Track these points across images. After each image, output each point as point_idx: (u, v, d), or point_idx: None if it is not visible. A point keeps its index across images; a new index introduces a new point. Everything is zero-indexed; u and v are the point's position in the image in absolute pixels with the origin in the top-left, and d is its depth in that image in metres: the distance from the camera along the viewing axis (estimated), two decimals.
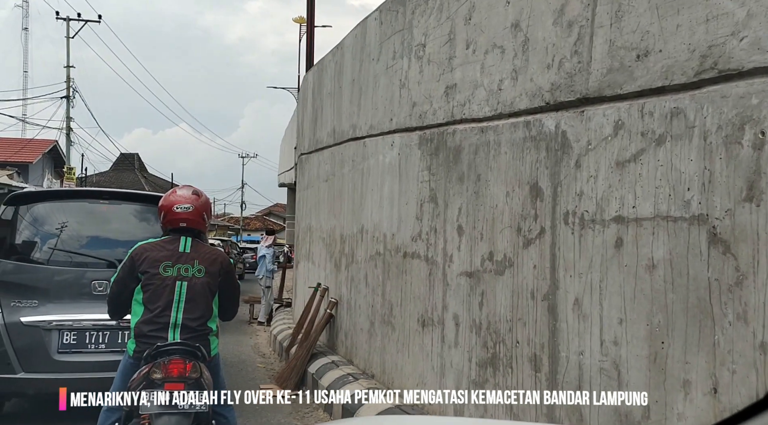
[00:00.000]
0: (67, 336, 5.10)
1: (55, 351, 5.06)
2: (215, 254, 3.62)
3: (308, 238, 9.23)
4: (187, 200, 3.58)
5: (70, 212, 5.65)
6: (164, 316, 3.35)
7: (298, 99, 11.78)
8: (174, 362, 3.19)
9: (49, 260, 5.37)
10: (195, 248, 3.53)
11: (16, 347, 4.99)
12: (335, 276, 7.23)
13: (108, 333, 5.13)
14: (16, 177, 22.26)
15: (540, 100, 3.35)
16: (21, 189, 19.59)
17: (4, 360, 4.95)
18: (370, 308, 5.91)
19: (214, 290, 3.53)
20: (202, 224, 3.62)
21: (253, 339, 10.89)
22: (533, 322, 3.35)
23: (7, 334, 5.00)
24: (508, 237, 3.62)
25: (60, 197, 6.12)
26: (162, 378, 3.14)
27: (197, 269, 3.47)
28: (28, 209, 5.53)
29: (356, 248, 6.41)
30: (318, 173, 8.55)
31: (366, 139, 6.21)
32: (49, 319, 5.09)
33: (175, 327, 3.35)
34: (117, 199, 5.80)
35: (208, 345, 3.43)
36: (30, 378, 4.96)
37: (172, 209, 3.56)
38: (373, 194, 5.96)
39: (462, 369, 4.07)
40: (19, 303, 5.12)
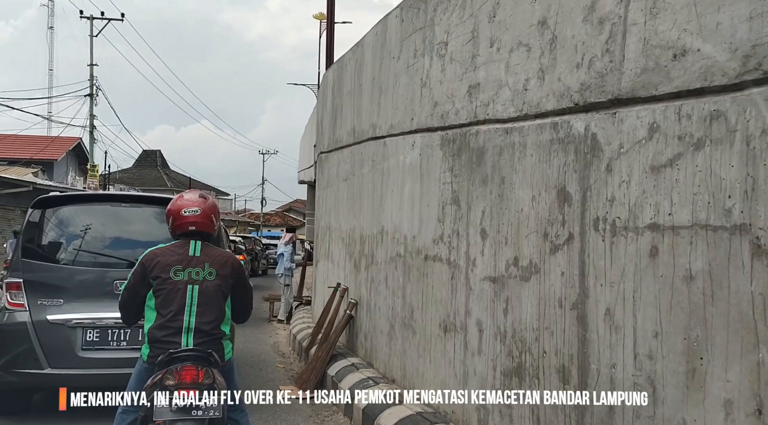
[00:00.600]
0: (91, 333, 5.31)
1: (80, 348, 5.28)
2: (226, 256, 3.61)
3: (327, 237, 9.15)
4: (195, 204, 3.58)
5: (94, 214, 5.88)
6: (177, 320, 3.34)
7: (318, 97, 11.70)
8: (186, 368, 3.21)
9: (74, 261, 5.59)
10: (205, 251, 3.52)
11: (43, 344, 5.22)
12: (355, 277, 7.14)
13: (129, 331, 5.29)
14: (40, 175, 22.51)
15: (568, 100, 3.22)
16: (45, 186, 19.78)
17: (31, 356, 5.18)
18: (390, 311, 5.80)
19: (227, 292, 3.52)
20: (212, 227, 3.62)
21: (272, 338, 10.86)
22: (561, 332, 3.22)
23: (34, 331, 5.24)
24: (534, 242, 3.49)
25: (84, 200, 6.37)
26: (175, 384, 3.16)
27: (208, 272, 3.46)
28: (54, 211, 5.75)
29: (376, 249, 6.31)
30: (337, 172, 8.46)
31: (386, 138, 6.10)
32: (74, 317, 5.30)
33: (188, 331, 3.34)
34: (138, 202, 6.05)
35: (222, 350, 3.42)
36: (56, 374, 5.15)
37: (180, 213, 3.56)
38: (393, 194, 5.85)
39: (486, 377, 3.95)
40: (45, 302, 5.33)
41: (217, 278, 3.47)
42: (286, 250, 12.85)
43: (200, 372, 3.22)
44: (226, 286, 3.50)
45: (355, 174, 7.34)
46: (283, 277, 12.69)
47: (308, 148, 18.38)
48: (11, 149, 29.40)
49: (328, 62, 13.61)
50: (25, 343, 5.23)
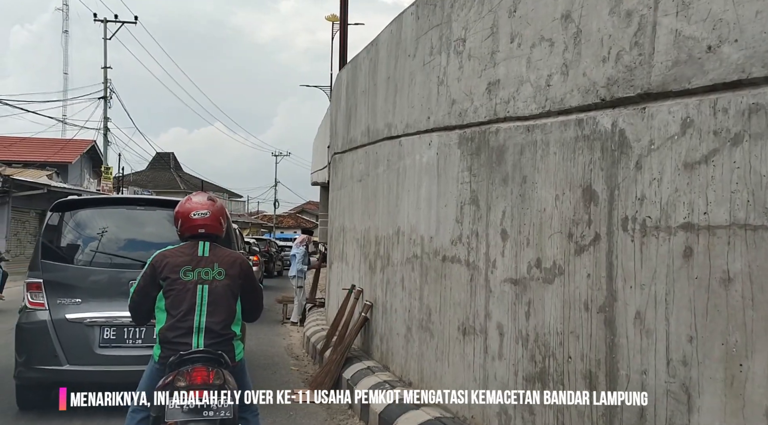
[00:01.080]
0: (108, 331, 5.52)
1: (97, 345, 5.48)
2: (234, 256, 3.62)
3: (342, 238, 9.06)
4: (204, 206, 3.59)
5: (110, 217, 6.11)
6: (187, 320, 3.35)
7: (331, 98, 11.63)
8: (197, 370, 3.23)
9: (91, 262, 5.81)
10: (214, 251, 3.54)
11: (62, 341, 5.44)
12: (370, 278, 7.04)
13: (145, 330, 5.45)
14: (55, 177, 22.63)
15: (594, 96, 3.10)
16: (59, 188, 19.89)
17: (51, 352, 5.40)
18: (406, 313, 5.70)
19: (236, 292, 3.52)
20: (220, 229, 3.63)
21: (286, 340, 10.79)
22: (587, 336, 3.11)
23: (53, 329, 5.45)
24: (557, 243, 3.38)
25: (100, 203, 6.64)
26: (186, 385, 3.17)
27: (217, 272, 3.47)
28: (71, 215, 5.97)
29: (392, 250, 6.21)
30: (352, 172, 8.37)
31: (402, 138, 6.00)
32: (91, 316, 5.50)
33: (199, 332, 3.34)
34: (151, 205, 6.26)
35: (233, 351, 3.42)
36: (74, 370, 5.37)
37: (190, 216, 3.57)
38: (409, 195, 5.75)
39: (507, 382, 3.84)
40: (63, 301, 5.54)
41: (226, 278, 3.47)
42: (298, 251, 12.78)
43: (211, 373, 3.23)
44: (236, 286, 3.51)
45: (370, 174, 7.24)
46: (296, 279, 12.62)
47: (321, 149, 18.33)
48: (26, 151, 29.61)
49: (341, 63, 13.53)
50: (45, 340, 5.43)
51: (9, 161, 23.34)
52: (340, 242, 9.27)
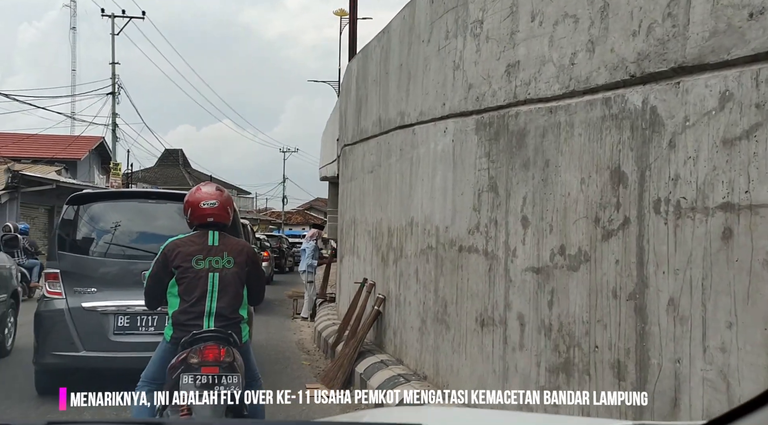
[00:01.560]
0: (122, 319, 5.74)
1: (112, 333, 5.71)
2: (241, 245, 3.84)
3: (352, 231, 8.94)
4: (212, 197, 3.77)
5: (122, 210, 6.35)
6: (199, 306, 3.57)
7: (341, 89, 11.51)
8: (209, 347, 3.44)
9: (105, 253, 6.07)
10: (223, 240, 3.73)
11: (78, 328, 5.68)
12: (382, 271, 6.92)
13: (156, 318, 5.67)
14: (64, 173, 22.62)
15: (623, 72, 2.96)
16: (68, 184, 19.85)
17: (68, 339, 5.64)
18: (421, 306, 5.57)
19: (243, 279, 3.73)
20: (227, 218, 3.81)
21: (296, 335, 10.68)
22: (616, 324, 2.97)
23: (70, 317, 5.69)
24: (583, 229, 3.24)
25: (113, 197, 6.96)
26: (198, 362, 3.39)
27: (227, 261, 3.67)
28: (86, 208, 6.20)
29: (405, 241, 6.08)
30: (362, 164, 8.24)
31: (415, 126, 5.86)
32: (106, 304, 5.74)
33: (210, 316, 3.57)
34: (162, 199, 6.47)
35: (240, 333, 3.65)
36: (90, 356, 5.64)
37: (199, 205, 3.74)
38: (423, 184, 5.62)
39: (529, 374, 3.71)
40: (80, 290, 5.78)
41: (235, 266, 3.68)
42: (308, 246, 12.67)
43: (222, 350, 3.45)
44: (243, 273, 3.72)
45: (382, 165, 7.12)
46: (306, 274, 12.50)
47: (330, 143, 18.21)
48: (35, 148, 29.64)
49: (351, 55, 13.40)
50: (62, 328, 5.67)
51: (18, 158, 23.35)
52: (351, 235, 9.16)
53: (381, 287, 6.93)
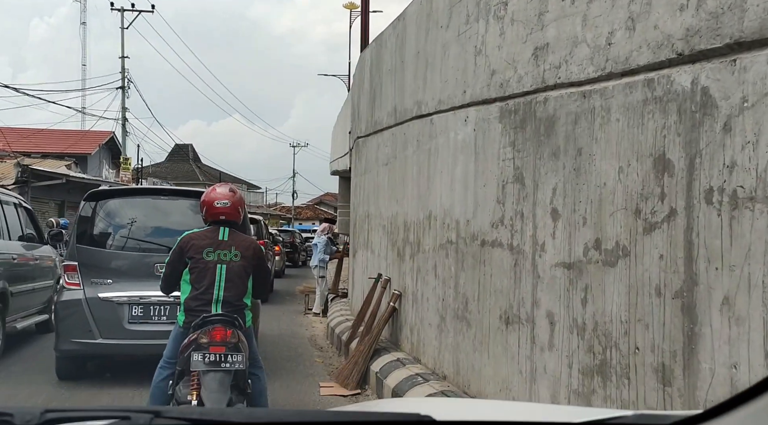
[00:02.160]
0: (136, 309, 6.05)
1: (126, 322, 6.02)
2: (249, 241, 4.23)
3: (366, 226, 8.73)
4: (225, 197, 4.14)
5: (137, 206, 6.66)
6: (208, 293, 3.96)
7: (353, 80, 11.28)
8: (217, 329, 3.81)
9: (120, 246, 6.38)
10: (232, 236, 4.10)
11: (95, 317, 5.99)
12: (398, 266, 6.71)
13: (168, 307, 5.97)
14: (74, 168, 22.55)
15: (669, 51, 2.72)
16: (78, 179, 19.76)
17: (85, 327, 5.96)
18: (440, 302, 5.36)
19: (249, 271, 4.10)
20: (238, 217, 4.19)
21: (309, 331, 10.50)
22: (659, 325, 2.74)
23: (87, 307, 6.00)
24: (621, 221, 3.00)
25: (128, 194, 7.35)
26: (208, 342, 3.75)
27: (234, 254, 4.04)
28: (102, 204, 6.50)
29: (423, 236, 5.86)
30: (377, 156, 8.02)
31: (434, 116, 5.63)
32: (121, 295, 6.05)
33: (217, 302, 3.96)
34: (174, 195, 6.87)
35: (244, 318, 4.04)
36: (107, 343, 5.98)
37: (213, 204, 4.12)
38: (442, 176, 5.39)
39: (559, 376, 3.48)
40: (97, 282, 6.10)
41: (241, 259, 4.05)
42: (320, 241, 12.47)
43: (228, 332, 3.82)
44: (249, 266, 4.09)
45: (398, 157, 6.89)
46: (318, 269, 12.31)
47: (342, 136, 18.01)
48: (45, 143, 29.63)
49: (363, 47, 13.17)
50: (80, 317, 5.99)
51: (28, 152, 23.29)
52: (364, 230, 8.95)
53: (397, 282, 6.72)
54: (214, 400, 3.67)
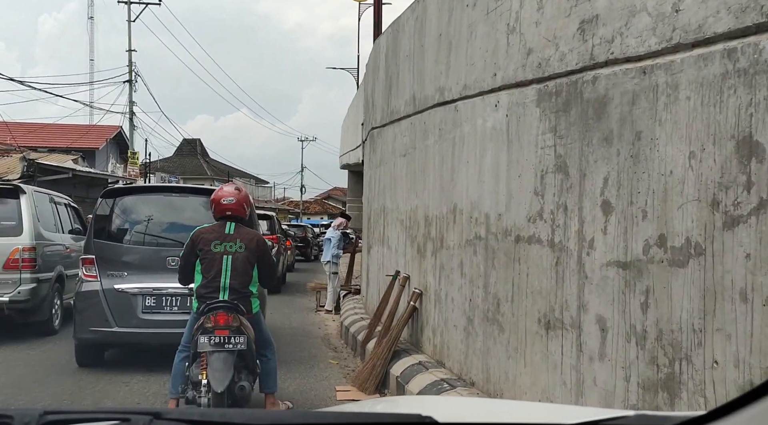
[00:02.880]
0: (149, 299, 6.42)
1: (140, 311, 6.39)
2: (253, 234, 4.72)
3: (382, 220, 8.35)
4: (231, 195, 4.63)
5: (150, 203, 7.07)
6: (216, 281, 4.43)
7: (366, 70, 10.87)
8: (220, 314, 4.29)
9: (134, 241, 6.77)
10: (237, 230, 4.59)
11: (111, 307, 6.35)
12: (418, 263, 6.32)
13: (179, 298, 6.34)
14: (81, 162, 22.25)
15: (756, 14, 2.31)
16: (84, 173, 19.46)
17: (102, 316, 6.33)
18: (467, 303, 4.97)
19: (253, 262, 4.56)
20: (243, 213, 4.68)
21: (321, 330, 10.15)
22: (745, 335, 2.34)
23: (104, 297, 6.37)
24: (693, 214, 2.60)
25: (142, 191, 7.87)
26: (212, 326, 4.25)
27: (239, 246, 4.52)
28: (118, 201, 6.95)
29: (447, 231, 5.47)
30: (393, 147, 7.63)
31: (458, 102, 5.24)
32: (136, 286, 6.42)
33: (225, 290, 4.42)
34: (185, 193, 7.27)
35: (250, 305, 4.51)
36: (122, 332, 6.35)
37: (220, 201, 4.61)
38: (469, 166, 5.00)
39: (613, 389, 3.09)
40: (113, 274, 6.46)
41: (246, 251, 4.52)
42: (334, 235, 12.09)
43: (230, 317, 4.29)
44: (253, 257, 4.55)
45: (417, 147, 6.50)
46: (330, 264, 11.95)
47: (353, 129, 17.63)
48: (52, 137, 29.37)
49: (376, 36, 12.76)
50: (97, 307, 6.36)
51: (35, 147, 23.01)
52: (380, 225, 8.57)
53: (417, 280, 6.34)
54: (218, 378, 4.14)
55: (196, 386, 4.28)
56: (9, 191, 8.51)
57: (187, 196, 7.16)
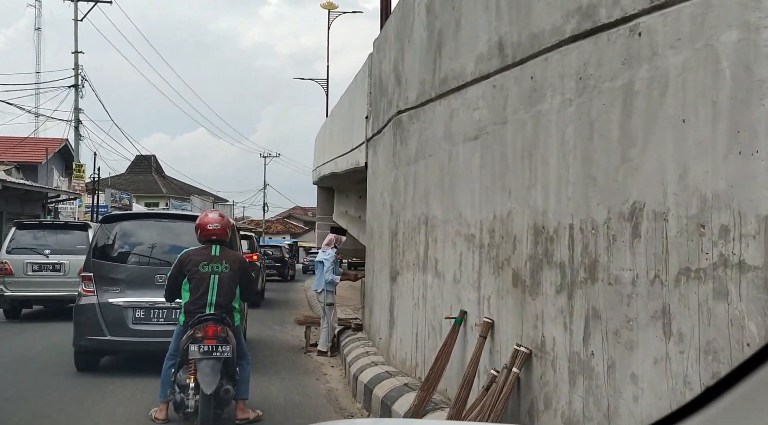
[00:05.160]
0: (139, 312, 7.34)
1: (131, 322, 7.32)
2: (236, 256, 5.52)
3: (422, 236, 5.94)
4: (215, 221, 5.40)
5: (144, 227, 8.16)
6: (204, 298, 5.10)
7: (378, 45, 8.53)
8: (209, 325, 4.92)
9: (127, 261, 7.75)
10: (222, 252, 5.28)
11: (105, 318, 7.29)
12: (519, 304, 3.93)
13: (165, 311, 7.21)
14: (15, 173, 19.22)
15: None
16: (17, 185, 16.56)
17: (97, 327, 7.25)
18: (669, 381, 2.59)
19: (236, 280, 5.25)
20: (226, 236, 5.44)
21: (321, 382, 7.63)
22: None
23: (99, 310, 7.30)
24: None
25: (137, 217, 8.92)
26: (202, 336, 4.87)
27: (224, 267, 5.20)
28: (114, 225, 8.01)
29: (613, 251, 3.10)
30: (449, 130, 5.26)
31: (643, 18, 2.90)
32: (127, 300, 7.37)
33: (211, 305, 5.09)
34: (175, 219, 8.66)
35: (232, 318, 5.16)
36: (114, 340, 7.29)
37: (206, 227, 5.36)
38: (686, 131, 2.65)
39: None
40: (108, 289, 7.41)
41: (230, 271, 5.20)
42: (326, 257, 9.53)
43: (218, 328, 4.93)
44: (236, 276, 5.25)
45: (510, 121, 4.14)
46: (324, 294, 9.40)
47: (338, 134, 15.20)
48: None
49: (384, 15, 10.45)
50: (93, 318, 7.26)
51: None
52: (414, 242, 6.15)
53: (515, 331, 3.94)
54: (207, 382, 4.77)
55: (183, 389, 4.89)
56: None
57: (176, 221, 8.26)
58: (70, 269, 11.33)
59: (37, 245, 11.80)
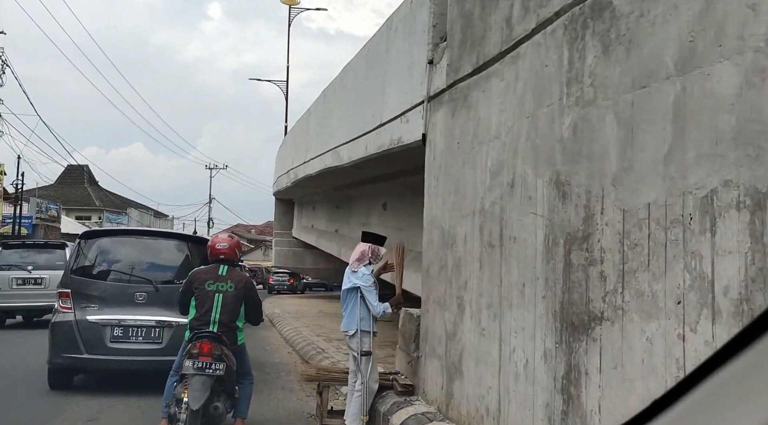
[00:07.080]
0: (117, 330, 7.28)
1: (109, 340, 7.24)
2: (242, 276, 5.68)
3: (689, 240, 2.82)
4: (224, 241, 5.67)
5: (124, 244, 8.14)
6: (207, 315, 5.27)
7: None
8: (205, 343, 5.05)
9: (106, 278, 7.66)
10: (229, 272, 5.51)
11: (83, 336, 7.21)
12: None
13: (144, 330, 7.28)
14: None
15: None
16: None
17: (74, 344, 7.18)
18: None
19: (241, 300, 5.44)
20: (235, 257, 5.68)
21: None
22: None
23: (77, 327, 7.23)
24: None
25: (117, 234, 9.53)
26: (197, 352, 5.00)
27: (229, 286, 5.40)
28: (94, 242, 7.97)
29: None
30: None
31: None
32: (105, 318, 7.29)
33: (215, 323, 5.24)
34: (155, 236, 8.69)
35: (236, 337, 5.36)
36: (92, 358, 7.23)
37: (215, 247, 5.60)
38: None
39: None
40: (85, 306, 7.34)
41: (235, 290, 5.40)
42: (363, 280, 6.13)
43: (213, 346, 5.04)
44: (241, 296, 5.44)
45: None
46: (359, 338, 6.05)
47: (315, 132, 12.08)
48: None
49: None
50: (70, 335, 7.21)
51: None
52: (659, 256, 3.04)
53: None
54: (194, 398, 4.83)
55: (178, 403, 4.98)
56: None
57: (157, 239, 8.34)
58: (50, 282, 12.36)
59: (21, 262, 13.37)
